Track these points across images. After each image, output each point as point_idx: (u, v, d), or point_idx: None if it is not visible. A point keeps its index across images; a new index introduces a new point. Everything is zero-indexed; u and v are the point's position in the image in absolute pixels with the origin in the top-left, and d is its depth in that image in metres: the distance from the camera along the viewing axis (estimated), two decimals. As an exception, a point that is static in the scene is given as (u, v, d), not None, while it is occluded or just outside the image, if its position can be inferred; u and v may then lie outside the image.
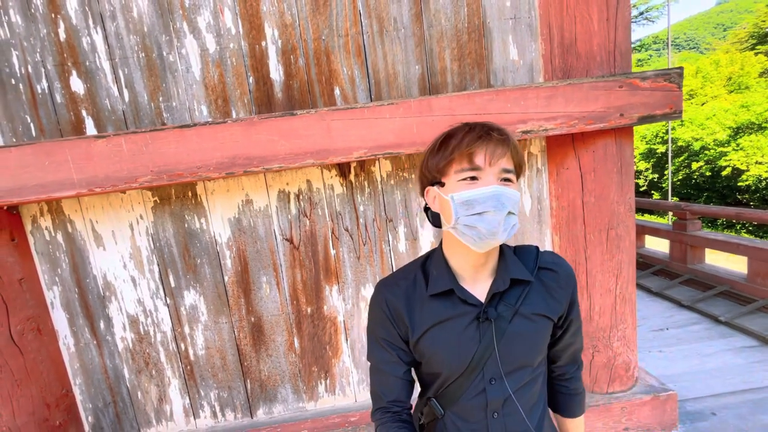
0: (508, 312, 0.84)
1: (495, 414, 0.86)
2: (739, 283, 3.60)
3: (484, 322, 0.83)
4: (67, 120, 1.78)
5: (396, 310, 0.87)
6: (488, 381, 0.84)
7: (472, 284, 0.86)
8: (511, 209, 0.77)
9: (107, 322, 1.95)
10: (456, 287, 0.85)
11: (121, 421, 2.03)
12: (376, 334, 0.91)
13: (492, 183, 0.76)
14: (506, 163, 0.77)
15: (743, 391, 2.40)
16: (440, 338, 0.84)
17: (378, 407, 0.92)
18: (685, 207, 4.29)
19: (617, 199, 1.91)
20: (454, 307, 0.85)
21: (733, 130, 14.95)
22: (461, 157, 0.77)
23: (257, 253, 1.95)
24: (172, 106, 1.81)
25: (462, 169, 0.77)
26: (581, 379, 1.01)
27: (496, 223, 0.75)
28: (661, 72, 1.75)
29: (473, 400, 0.86)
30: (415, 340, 0.86)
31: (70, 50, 1.73)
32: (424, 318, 0.86)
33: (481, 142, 0.76)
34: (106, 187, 1.62)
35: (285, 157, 1.65)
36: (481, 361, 0.83)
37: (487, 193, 0.75)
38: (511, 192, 0.77)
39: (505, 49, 1.89)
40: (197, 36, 1.77)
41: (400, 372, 0.90)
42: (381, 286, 0.91)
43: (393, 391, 0.90)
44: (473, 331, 0.84)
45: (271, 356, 2.04)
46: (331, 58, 1.83)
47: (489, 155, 0.76)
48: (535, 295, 0.86)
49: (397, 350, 0.89)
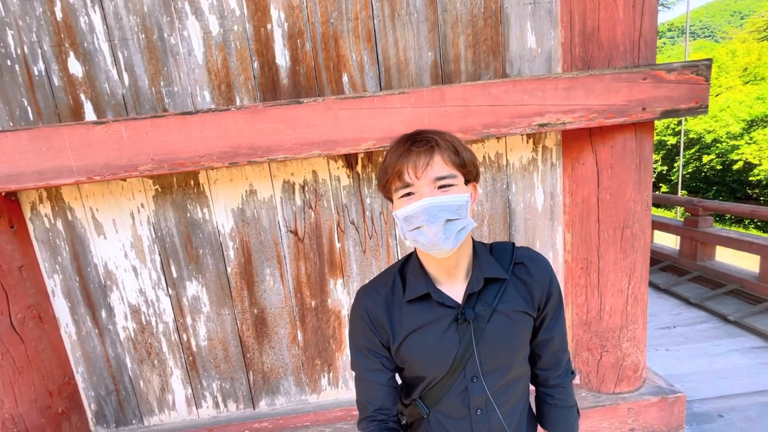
0: (485, 311, 0.84)
1: (478, 411, 0.87)
2: (750, 282, 3.53)
3: (463, 323, 0.84)
4: (65, 104, 1.71)
5: (376, 318, 0.87)
6: (470, 379, 0.85)
7: (449, 287, 0.86)
8: (450, 216, 0.75)
9: (109, 312, 1.92)
10: (432, 290, 0.85)
11: (123, 409, 2.03)
12: (359, 342, 0.91)
13: (425, 195, 0.75)
14: (437, 171, 0.75)
15: (751, 393, 2.36)
16: (421, 343, 0.85)
17: (364, 417, 0.92)
18: (698, 203, 4.19)
19: (634, 197, 1.83)
20: (433, 310, 0.85)
21: (747, 122, 14.62)
22: (393, 176, 0.77)
23: (261, 244, 1.90)
24: (173, 91, 1.74)
25: (397, 188, 0.78)
26: (571, 392, 0.98)
27: (432, 234, 0.75)
28: (688, 64, 1.65)
29: (456, 399, 0.87)
30: (397, 347, 0.86)
31: (67, 30, 1.66)
32: (403, 324, 0.86)
33: (403, 158, 0.76)
34: (105, 175, 1.56)
35: (290, 147, 1.59)
36: (462, 361, 0.84)
37: (417, 208, 0.75)
38: (446, 199, 0.75)
39: (522, 36, 1.79)
40: (200, 17, 1.69)
41: (384, 379, 0.90)
42: (361, 293, 0.91)
43: (378, 399, 0.90)
44: (453, 333, 0.84)
45: (274, 348, 2.02)
46: (340, 43, 1.74)
47: (413, 169, 0.75)
48: (512, 291, 0.86)
49: (380, 357, 0.89)
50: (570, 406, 0.98)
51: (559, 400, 0.96)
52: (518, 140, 1.88)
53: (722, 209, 4.13)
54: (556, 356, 0.94)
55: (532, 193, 1.95)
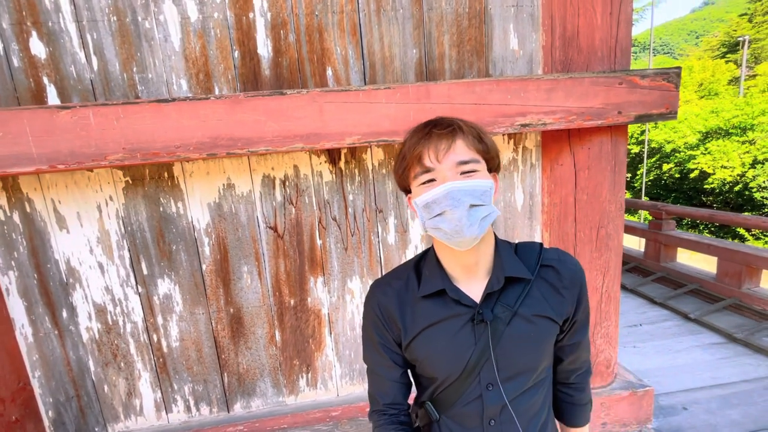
0: (505, 313, 0.79)
1: (492, 422, 0.81)
2: (708, 282, 3.74)
3: (480, 324, 0.79)
4: (25, 86, 1.59)
5: (388, 312, 0.84)
6: (485, 387, 0.80)
7: (467, 285, 0.82)
8: (474, 201, 0.72)
9: (71, 311, 1.80)
10: (448, 287, 0.80)
11: (85, 415, 1.90)
12: (370, 337, 0.88)
13: (447, 180, 0.72)
14: (460, 155, 0.72)
15: (712, 386, 2.49)
16: (433, 341, 0.81)
17: (375, 409, 0.91)
18: (662, 207, 4.41)
19: (609, 198, 1.90)
20: (447, 308, 0.81)
21: (702, 134, 15.60)
22: (413, 162, 0.75)
23: (238, 240, 1.83)
24: (147, 78, 1.65)
25: (417, 174, 0.75)
26: (589, 389, 0.96)
27: (456, 220, 0.71)
28: (660, 71, 1.73)
29: (469, 406, 0.82)
30: (408, 343, 0.83)
31: (30, 8, 1.54)
32: (416, 320, 0.82)
33: (423, 141, 0.73)
34: (70, 164, 1.46)
35: (272, 140, 1.54)
36: (478, 365, 0.79)
37: (439, 193, 0.72)
38: (470, 183, 0.71)
39: (505, 37, 1.82)
40: (177, 2, 1.61)
41: (395, 375, 0.87)
42: (374, 287, 0.89)
43: (389, 395, 0.88)
44: (468, 334, 0.79)
45: (251, 349, 1.95)
46: (324, 36, 1.71)
47: (434, 152, 0.72)
48: (537, 294, 0.81)
49: (391, 353, 0.86)
50: (587, 402, 0.96)
51: (577, 399, 0.94)
52: (499, 140, 1.91)
53: (684, 213, 4.37)
54: (581, 359, 0.91)
55: (512, 192, 1.98)
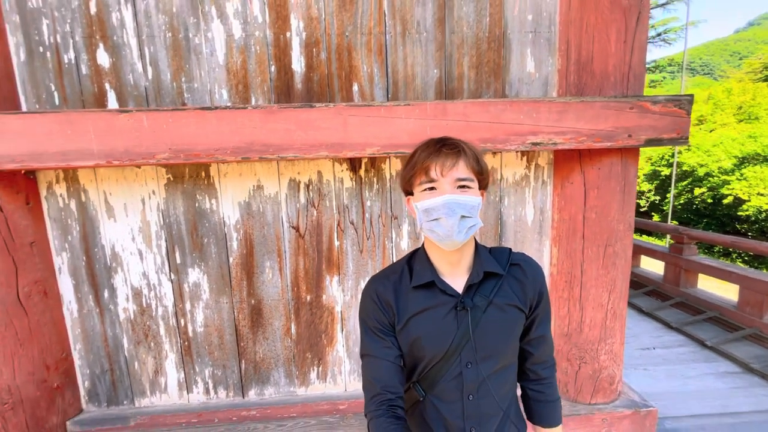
0: (483, 302, 0.94)
1: (470, 396, 0.95)
2: (728, 310, 3.66)
3: (461, 311, 0.93)
4: (90, 91, 1.82)
5: (385, 299, 0.97)
6: (465, 365, 0.94)
7: (451, 278, 0.97)
8: (465, 213, 0.86)
9: (111, 292, 2.00)
10: (436, 279, 0.95)
11: (116, 389, 2.08)
12: (369, 324, 0.99)
13: (446, 192, 0.86)
14: (460, 173, 0.87)
15: (721, 414, 2.46)
16: (422, 324, 0.94)
17: (372, 396, 0.94)
18: (683, 231, 4.34)
19: (617, 218, 1.95)
20: (435, 297, 0.95)
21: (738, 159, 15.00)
22: (420, 171, 0.89)
23: (263, 237, 1.99)
24: (193, 87, 1.85)
25: (421, 181, 0.89)
26: (556, 386, 1.09)
27: (449, 227, 0.86)
28: (671, 97, 1.79)
29: (451, 383, 0.95)
30: (401, 326, 0.96)
31: (99, 24, 1.77)
32: (408, 306, 0.95)
33: (433, 156, 0.87)
34: (123, 160, 1.66)
35: (300, 147, 1.70)
36: (459, 346, 0.93)
37: (439, 202, 0.86)
38: (464, 198, 0.86)
39: (522, 61, 1.93)
40: (224, 21, 1.81)
41: (392, 356, 0.96)
42: (371, 280, 1.02)
43: (386, 376, 0.94)
44: (452, 319, 0.94)
45: (268, 339, 2.09)
46: (353, 55, 1.87)
47: (440, 167, 0.86)
48: (507, 287, 0.97)
49: (388, 336, 0.97)
50: (557, 398, 1.08)
51: (548, 395, 1.06)
52: (513, 156, 2.01)
53: (705, 238, 4.28)
54: (547, 353, 1.05)
55: (523, 207, 2.07)
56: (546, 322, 1.03)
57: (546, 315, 1.02)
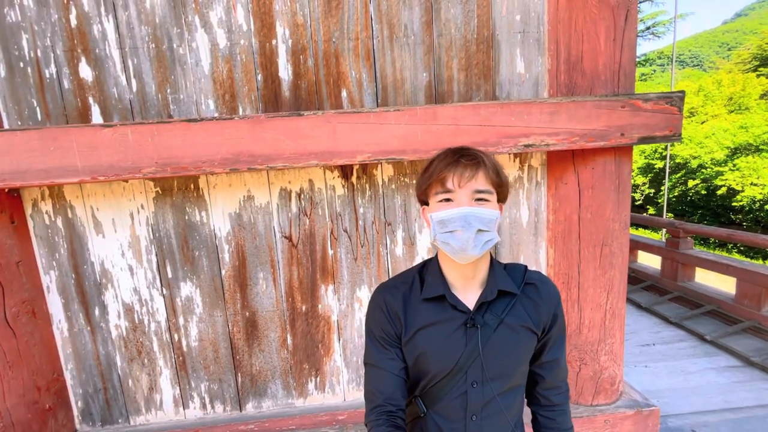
0: (493, 321, 0.90)
1: (474, 417, 0.92)
2: (726, 303, 3.66)
3: (471, 328, 0.90)
4: (73, 106, 1.78)
5: (393, 309, 0.94)
6: (470, 384, 0.90)
7: (463, 293, 0.93)
8: (482, 227, 0.83)
9: (102, 309, 1.96)
10: (447, 293, 0.91)
11: (110, 407, 2.04)
12: (375, 333, 0.96)
13: (464, 204, 0.83)
14: (479, 184, 0.83)
15: (723, 410, 2.45)
16: (430, 338, 0.91)
17: (373, 407, 0.93)
18: (679, 225, 4.34)
19: (613, 217, 1.94)
20: (445, 311, 0.91)
21: (730, 150, 15.12)
22: (437, 181, 0.85)
23: (256, 249, 1.96)
24: (179, 98, 1.82)
25: (437, 192, 0.86)
26: (569, 415, 1.02)
27: (464, 240, 0.82)
28: (663, 95, 1.78)
29: (454, 401, 0.91)
30: (408, 338, 0.92)
31: (81, 37, 1.74)
32: (417, 318, 0.92)
33: (450, 167, 0.84)
34: (109, 175, 1.62)
35: (289, 157, 1.67)
36: (466, 364, 0.89)
37: (456, 214, 0.83)
38: (482, 212, 0.83)
39: (512, 62, 1.91)
40: (208, 30, 1.78)
41: (396, 369, 0.94)
42: (381, 288, 0.99)
43: (388, 388, 0.92)
44: (460, 336, 0.90)
45: (264, 351, 2.06)
46: (340, 61, 1.84)
47: (458, 178, 0.83)
48: (520, 307, 0.92)
49: (394, 347, 0.95)
50: (569, 428, 1.01)
51: (560, 423, 1.00)
52: (506, 159, 1.99)
53: (701, 232, 4.29)
54: (559, 378, 1.00)
55: (518, 209, 2.05)
56: (559, 346, 0.98)
57: (560, 338, 0.98)
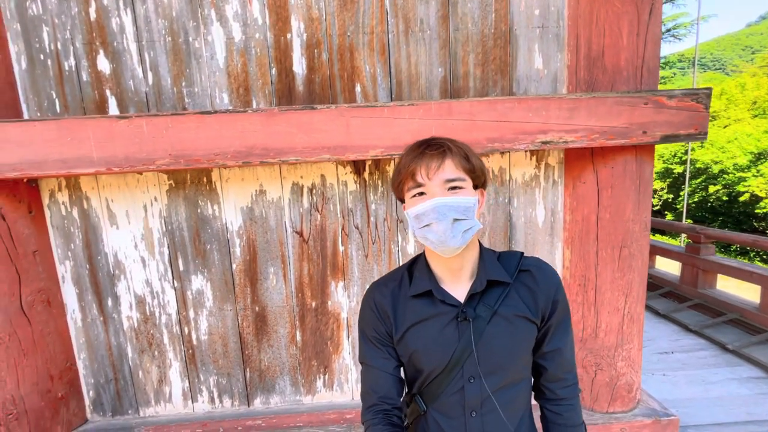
0: (486, 312, 0.87)
1: (473, 413, 0.88)
2: (750, 312, 3.52)
3: (463, 322, 0.87)
4: (91, 98, 1.80)
5: (383, 308, 0.92)
6: (467, 379, 0.87)
7: (453, 286, 0.90)
8: (457, 216, 0.80)
9: (115, 300, 1.97)
10: (434, 288, 0.89)
11: (121, 398, 2.06)
12: (367, 332, 0.95)
13: (436, 195, 0.80)
14: (448, 173, 0.80)
15: (746, 422, 2.34)
16: (421, 336, 0.89)
17: (368, 405, 0.93)
18: (700, 230, 4.20)
19: (633, 218, 1.87)
20: (434, 307, 0.89)
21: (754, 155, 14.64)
22: (407, 176, 0.83)
23: (267, 243, 1.96)
24: (194, 91, 1.82)
25: (410, 187, 0.83)
26: (579, 410, 0.96)
27: (441, 232, 0.80)
28: (688, 91, 1.71)
29: (452, 397, 0.89)
30: (399, 337, 0.91)
31: (99, 30, 1.76)
32: (407, 316, 0.90)
33: (417, 160, 0.81)
34: (124, 167, 1.64)
35: (302, 151, 1.66)
36: (461, 359, 0.86)
37: (428, 207, 0.80)
38: (454, 200, 0.80)
39: (530, 57, 1.87)
40: (224, 24, 1.78)
41: (390, 367, 0.93)
42: (371, 287, 0.97)
43: (383, 387, 0.93)
44: (452, 331, 0.87)
45: (272, 347, 2.05)
46: (355, 55, 1.83)
47: (425, 170, 0.80)
48: (515, 296, 0.89)
49: (386, 347, 0.93)
50: (578, 424, 0.96)
51: (567, 419, 0.94)
52: (522, 156, 1.94)
53: (724, 237, 4.14)
54: (564, 369, 0.94)
55: (534, 208, 2.00)
56: (562, 335, 0.92)
57: (562, 326, 0.92)
